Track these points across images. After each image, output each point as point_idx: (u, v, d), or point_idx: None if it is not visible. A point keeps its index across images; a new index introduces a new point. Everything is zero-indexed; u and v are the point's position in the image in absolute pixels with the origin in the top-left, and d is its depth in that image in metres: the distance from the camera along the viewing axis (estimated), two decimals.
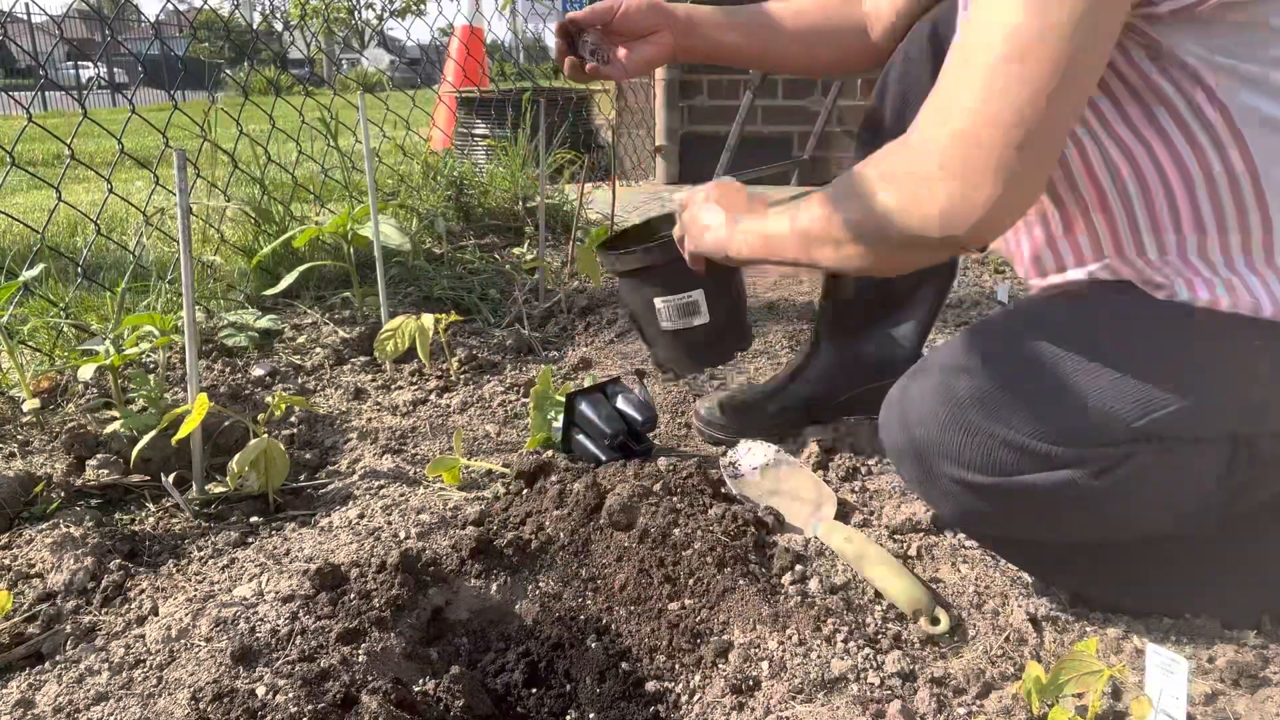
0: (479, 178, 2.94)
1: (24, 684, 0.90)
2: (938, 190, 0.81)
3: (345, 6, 10.56)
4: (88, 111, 2.08)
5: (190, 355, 1.24)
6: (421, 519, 1.21)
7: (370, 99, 2.10)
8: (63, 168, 2.29)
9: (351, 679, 0.86)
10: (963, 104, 0.80)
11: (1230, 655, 0.90)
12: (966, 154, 0.80)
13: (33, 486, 1.27)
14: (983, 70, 0.79)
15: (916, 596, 0.95)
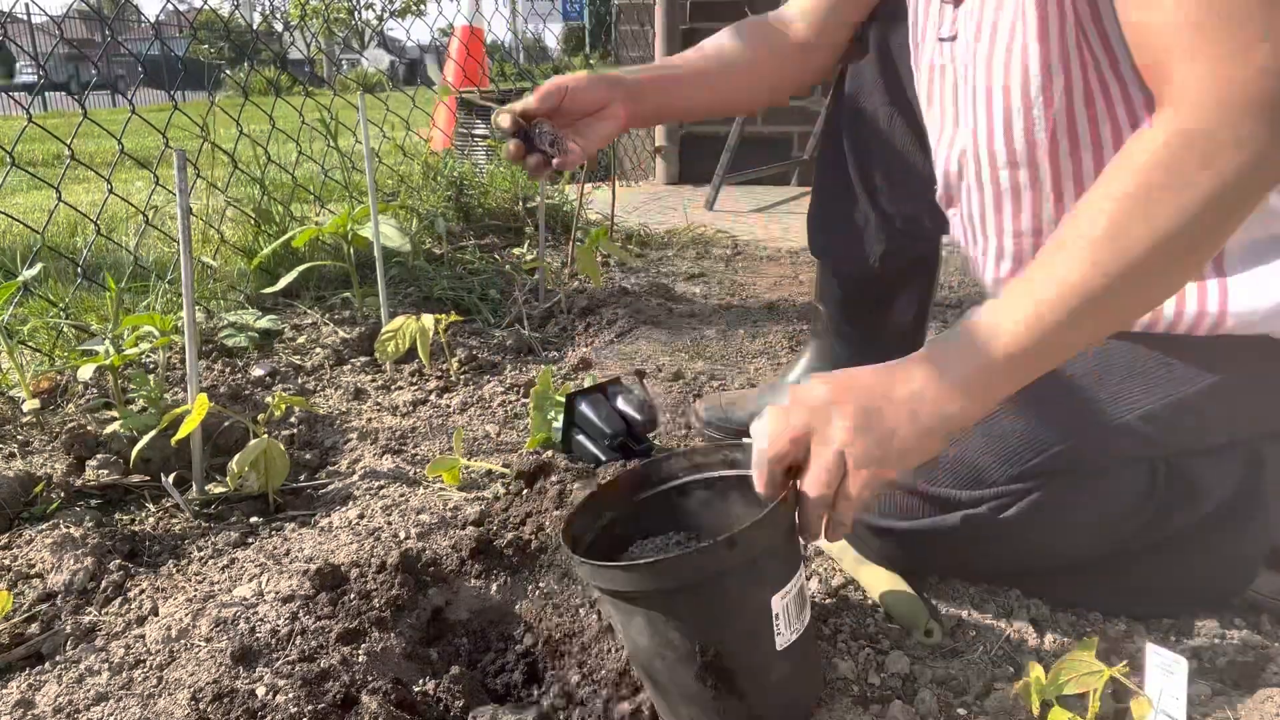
0: (479, 178, 2.94)
1: (24, 684, 0.90)
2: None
3: (345, 6, 10.56)
4: (87, 112, 2.08)
5: (190, 355, 1.24)
6: (421, 519, 1.21)
7: (370, 99, 2.10)
8: (63, 168, 2.29)
9: (351, 679, 0.86)
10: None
11: (1230, 655, 0.90)
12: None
13: (33, 486, 1.27)
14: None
15: (911, 609, 0.96)
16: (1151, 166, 0.70)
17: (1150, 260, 0.70)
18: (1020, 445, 0.90)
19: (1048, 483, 0.90)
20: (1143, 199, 0.70)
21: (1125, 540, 0.93)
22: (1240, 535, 0.94)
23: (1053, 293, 0.71)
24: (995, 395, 0.75)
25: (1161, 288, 0.74)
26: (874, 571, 1.01)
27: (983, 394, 0.75)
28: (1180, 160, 0.69)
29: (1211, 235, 0.72)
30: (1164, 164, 0.70)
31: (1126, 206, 0.70)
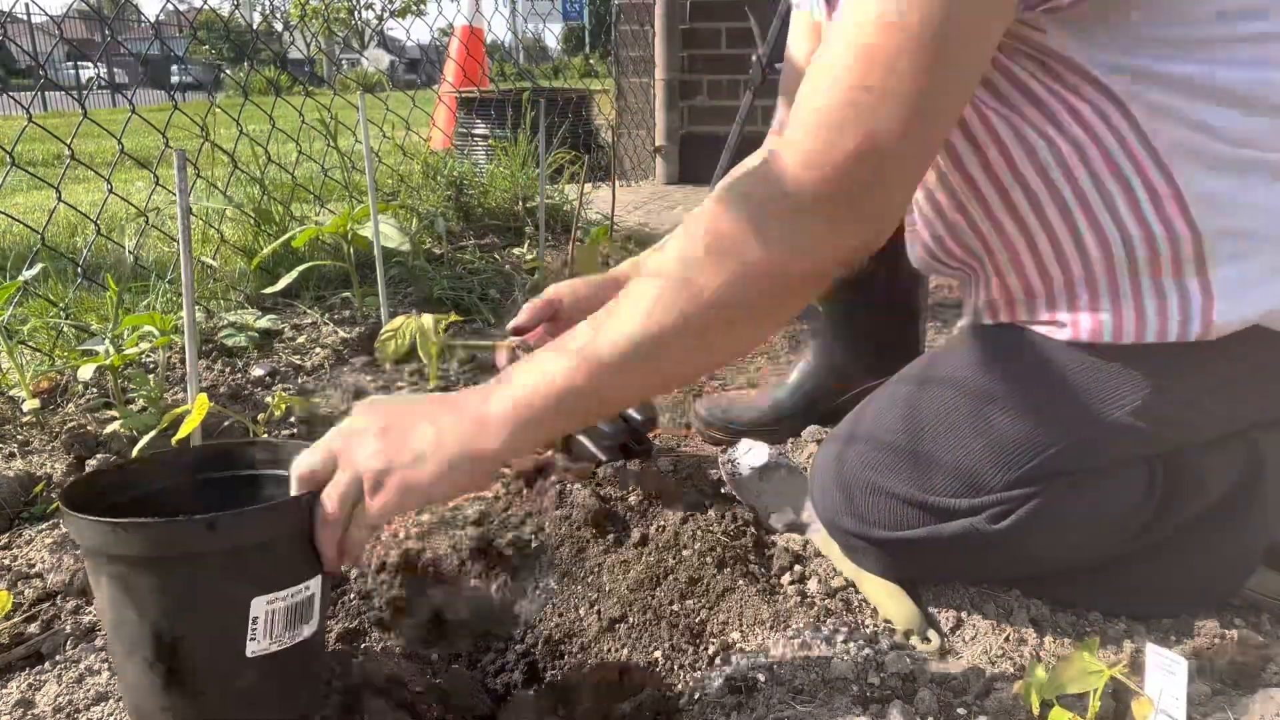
0: (479, 178, 2.94)
1: (24, 684, 0.90)
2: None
3: (345, 6, 10.57)
4: (87, 112, 2.08)
5: (190, 355, 1.24)
6: (421, 519, 1.21)
7: (370, 99, 2.10)
8: (63, 168, 2.29)
9: (351, 679, 0.86)
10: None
11: (1230, 655, 0.90)
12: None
13: (33, 486, 1.27)
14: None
15: (908, 615, 0.96)
16: (710, 227, 0.75)
17: (676, 336, 0.74)
18: (1018, 448, 0.90)
19: (1046, 488, 0.90)
20: (697, 262, 0.75)
21: (1125, 543, 0.93)
22: (1240, 531, 0.94)
23: (605, 341, 0.75)
24: (531, 433, 0.76)
25: (710, 350, 0.78)
26: (871, 580, 1.01)
27: (518, 430, 0.75)
28: (735, 227, 0.74)
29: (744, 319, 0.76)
30: (722, 226, 0.75)
31: (677, 272, 0.75)
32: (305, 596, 0.75)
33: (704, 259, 0.74)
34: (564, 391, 0.75)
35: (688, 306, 0.74)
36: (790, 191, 0.72)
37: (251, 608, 0.72)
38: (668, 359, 0.76)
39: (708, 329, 0.75)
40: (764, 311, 0.77)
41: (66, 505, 0.72)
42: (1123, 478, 0.91)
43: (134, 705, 0.75)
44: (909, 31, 0.69)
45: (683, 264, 0.75)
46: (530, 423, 0.75)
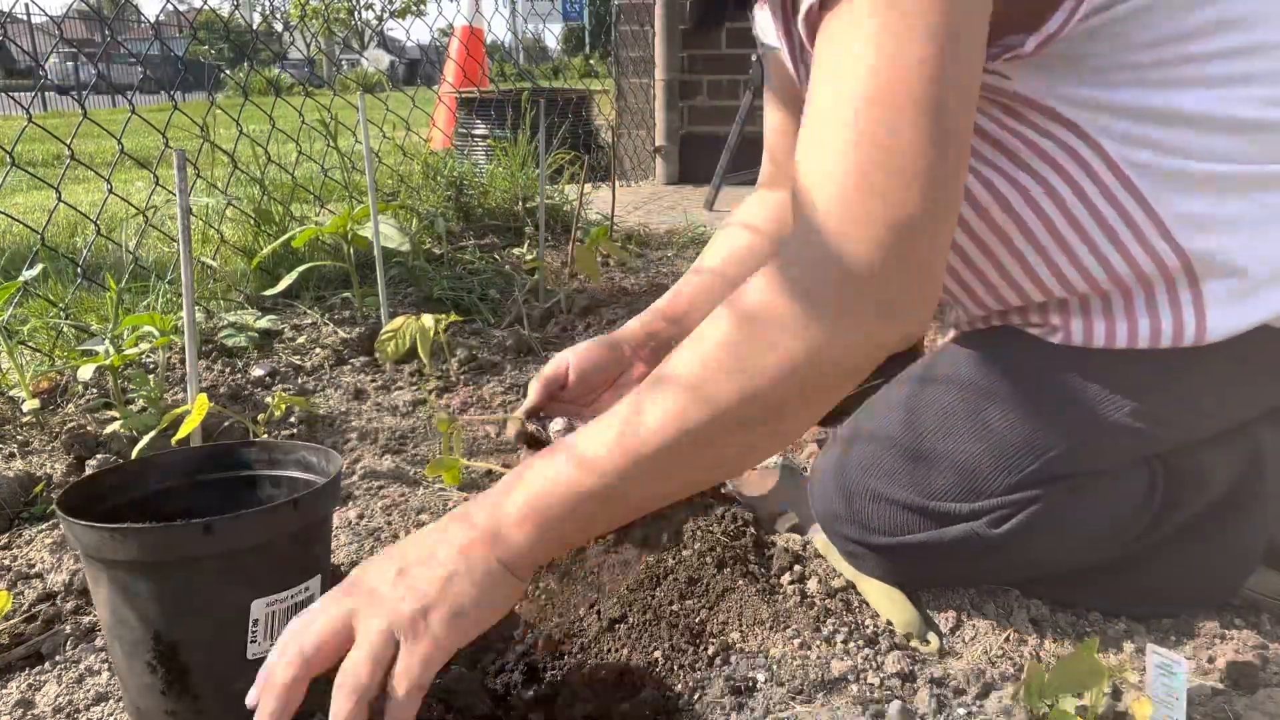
0: (479, 178, 2.94)
1: (24, 684, 0.90)
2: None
3: (345, 7, 10.56)
4: (87, 112, 2.08)
5: (190, 355, 1.24)
6: (421, 519, 1.21)
7: (370, 99, 2.10)
8: (63, 168, 2.29)
9: None
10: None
11: (1230, 655, 0.90)
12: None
13: (33, 486, 1.27)
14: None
15: (908, 619, 0.96)
16: (738, 321, 0.69)
17: (709, 430, 0.68)
18: (1018, 452, 0.90)
19: (1047, 492, 0.90)
20: (725, 359, 0.68)
21: (1126, 545, 0.93)
22: (1241, 529, 0.94)
23: (632, 450, 0.69)
24: (553, 539, 0.71)
25: (737, 448, 0.71)
26: (871, 583, 1.01)
27: (540, 533, 0.70)
28: (758, 327, 0.67)
29: (790, 405, 0.69)
30: (746, 322, 0.68)
31: (707, 368, 0.69)
32: (305, 597, 0.76)
33: (724, 365, 0.68)
34: (581, 498, 0.70)
35: (710, 417, 0.68)
36: (816, 291, 0.66)
37: (251, 610, 0.72)
38: (696, 466, 0.71)
39: (726, 438, 0.69)
40: (791, 414, 0.71)
41: (64, 510, 0.72)
42: (1123, 480, 0.91)
43: (136, 708, 0.75)
44: (908, 103, 0.64)
45: (703, 367, 0.69)
46: (550, 526, 0.70)
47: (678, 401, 0.68)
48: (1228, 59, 0.77)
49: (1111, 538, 0.92)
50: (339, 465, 0.83)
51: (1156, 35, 0.76)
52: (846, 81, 0.66)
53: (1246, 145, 0.79)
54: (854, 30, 0.65)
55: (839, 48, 0.67)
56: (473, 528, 0.70)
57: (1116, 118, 0.79)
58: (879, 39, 0.64)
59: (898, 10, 0.64)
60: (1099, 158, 0.80)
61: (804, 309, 0.66)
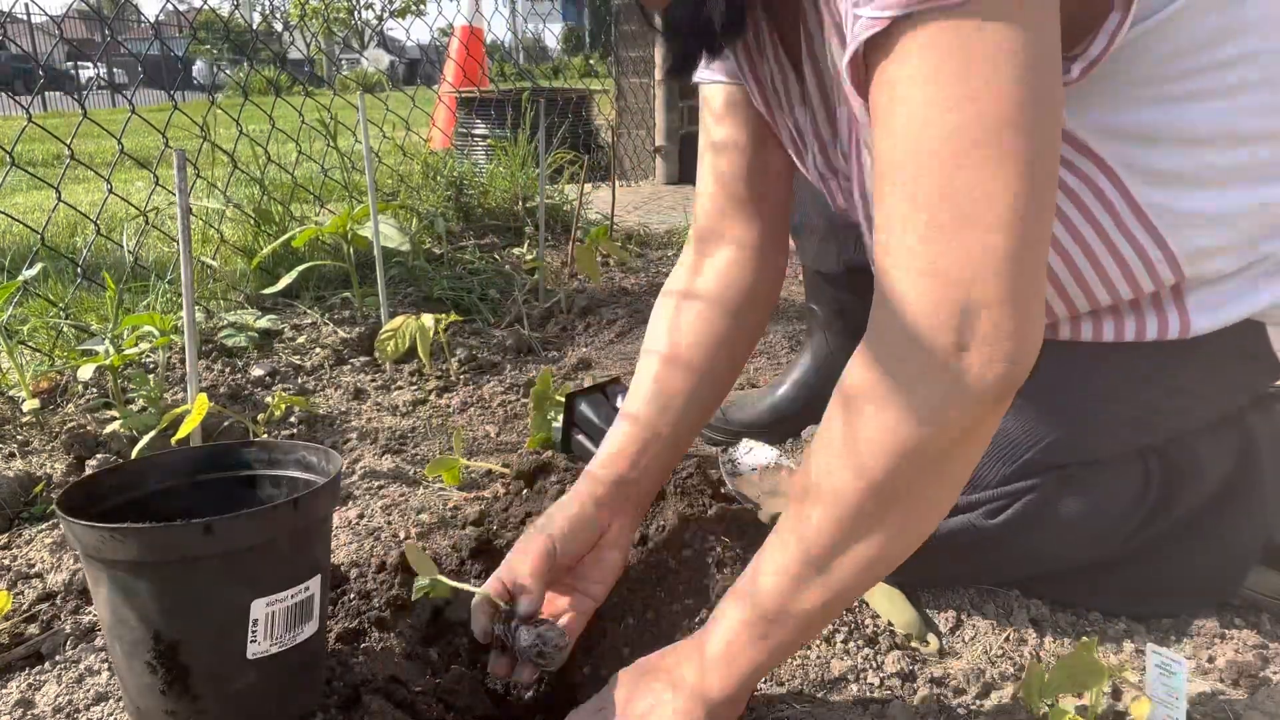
0: (479, 178, 2.94)
1: (24, 684, 0.90)
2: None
3: (345, 7, 10.57)
4: (87, 112, 2.08)
5: (190, 355, 1.24)
6: (421, 519, 1.21)
7: (370, 99, 2.10)
8: (62, 168, 2.29)
9: (351, 679, 0.86)
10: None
11: (1230, 655, 0.90)
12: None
13: (33, 486, 1.27)
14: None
15: (908, 620, 0.96)
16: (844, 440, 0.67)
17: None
18: (1012, 442, 0.90)
19: (1042, 483, 0.90)
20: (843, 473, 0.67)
21: (1124, 540, 0.93)
22: (1238, 525, 0.94)
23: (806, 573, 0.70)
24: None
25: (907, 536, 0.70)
26: None
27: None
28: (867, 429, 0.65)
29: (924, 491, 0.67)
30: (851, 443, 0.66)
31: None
32: (305, 597, 0.76)
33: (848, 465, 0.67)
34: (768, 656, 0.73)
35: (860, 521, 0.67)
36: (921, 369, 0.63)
37: (251, 610, 0.72)
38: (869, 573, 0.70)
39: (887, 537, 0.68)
40: (935, 488, 0.68)
41: (64, 510, 0.72)
42: (1118, 471, 0.91)
43: (136, 708, 0.75)
44: (994, 150, 0.60)
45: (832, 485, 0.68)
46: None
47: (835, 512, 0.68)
48: (1237, 66, 0.77)
49: (1108, 532, 0.93)
50: (339, 465, 0.83)
51: (1175, 46, 0.76)
52: (920, 135, 0.61)
53: (1256, 156, 0.79)
54: (922, 82, 0.61)
55: (907, 96, 0.62)
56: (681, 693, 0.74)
57: (1136, 145, 0.78)
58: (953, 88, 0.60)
59: (971, 57, 0.59)
60: (1116, 191, 0.80)
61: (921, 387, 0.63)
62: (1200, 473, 0.92)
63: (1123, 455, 0.91)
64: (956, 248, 0.60)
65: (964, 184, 0.60)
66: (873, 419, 0.65)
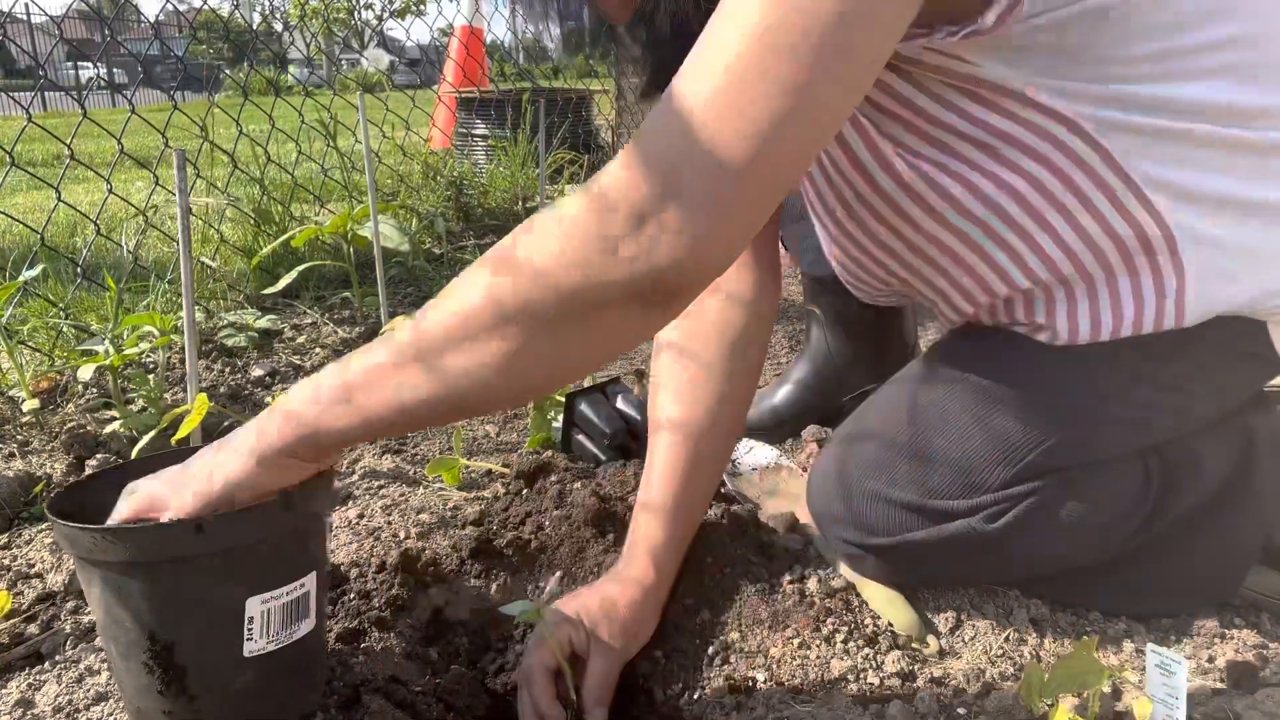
0: (479, 178, 2.94)
1: (24, 684, 0.90)
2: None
3: (345, 7, 10.56)
4: (87, 112, 2.08)
5: (190, 355, 1.24)
6: (421, 519, 1.21)
7: (370, 99, 2.09)
8: (62, 168, 2.29)
9: (352, 678, 0.86)
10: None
11: (1230, 655, 0.90)
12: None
13: (32, 486, 1.27)
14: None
15: (908, 622, 0.96)
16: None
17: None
18: (1013, 445, 0.90)
19: (1042, 486, 0.90)
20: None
21: (1124, 542, 0.93)
22: (1237, 520, 0.94)
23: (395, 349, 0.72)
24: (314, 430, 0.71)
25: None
26: (871, 586, 1.01)
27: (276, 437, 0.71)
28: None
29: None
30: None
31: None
32: (301, 594, 0.75)
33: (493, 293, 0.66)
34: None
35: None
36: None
37: (246, 608, 0.72)
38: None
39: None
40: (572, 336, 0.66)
41: (54, 513, 0.72)
42: (1118, 472, 0.91)
43: (136, 708, 0.75)
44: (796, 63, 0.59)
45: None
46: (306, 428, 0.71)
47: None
48: (1220, 50, 0.77)
49: (1109, 534, 0.92)
50: (332, 463, 0.83)
51: (1163, 20, 0.75)
52: (737, 17, 0.61)
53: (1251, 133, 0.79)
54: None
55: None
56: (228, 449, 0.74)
57: (1107, 107, 0.78)
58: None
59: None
60: (1088, 145, 0.79)
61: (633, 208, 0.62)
62: (1200, 472, 0.92)
63: (1123, 456, 0.91)
64: (710, 130, 0.59)
65: (756, 79, 0.59)
66: (537, 237, 0.64)
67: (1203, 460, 0.92)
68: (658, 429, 1.01)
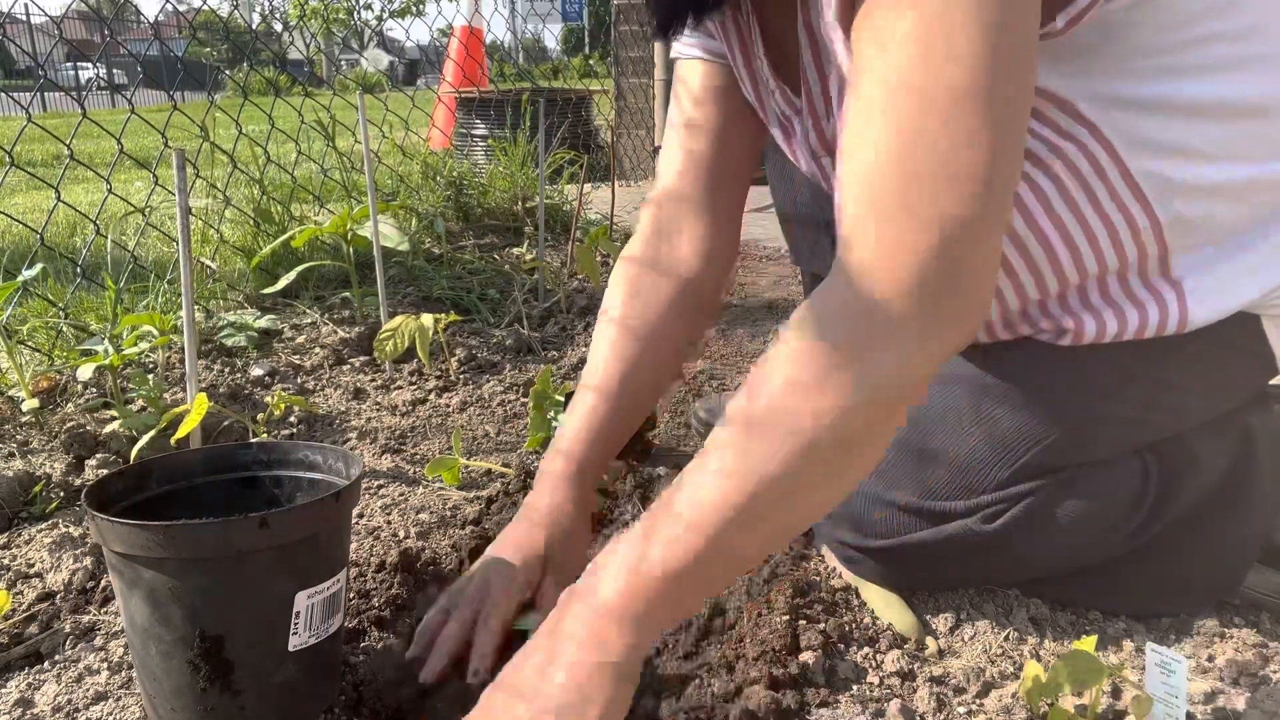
0: (478, 178, 2.94)
1: (23, 683, 0.90)
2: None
3: (344, 7, 10.56)
4: (87, 112, 2.08)
5: (189, 355, 1.24)
6: (421, 519, 1.21)
7: (369, 99, 2.09)
8: (62, 168, 2.29)
9: (352, 678, 0.86)
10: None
11: (1230, 654, 0.90)
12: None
13: (32, 486, 1.27)
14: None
15: (908, 624, 0.96)
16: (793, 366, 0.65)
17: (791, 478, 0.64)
18: (1012, 445, 0.90)
19: (1040, 486, 0.90)
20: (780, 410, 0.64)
21: (1123, 541, 0.93)
22: (1236, 519, 0.94)
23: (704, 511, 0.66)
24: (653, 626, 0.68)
25: (826, 489, 0.68)
26: (870, 588, 1.00)
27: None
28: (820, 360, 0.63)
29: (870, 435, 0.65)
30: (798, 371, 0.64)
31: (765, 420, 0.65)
32: (337, 589, 0.78)
33: (763, 425, 0.65)
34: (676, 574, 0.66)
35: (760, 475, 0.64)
36: (867, 313, 0.63)
37: (295, 602, 0.74)
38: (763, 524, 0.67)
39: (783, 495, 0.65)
40: (861, 442, 0.66)
41: (99, 512, 0.72)
42: (1116, 472, 0.91)
43: (168, 708, 0.75)
44: (960, 94, 0.60)
45: (745, 429, 0.66)
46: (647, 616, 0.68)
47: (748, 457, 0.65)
48: (1237, 39, 0.77)
49: (1107, 533, 0.92)
50: (360, 462, 0.84)
51: (1174, 15, 0.75)
52: (890, 71, 0.62)
53: (1253, 132, 0.79)
54: (897, 18, 0.62)
55: (883, 35, 0.63)
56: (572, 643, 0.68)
57: (1134, 114, 0.78)
58: (925, 25, 0.61)
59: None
60: (1110, 159, 0.80)
61: (850, 339, 0.63)
62: (1198, 471, 0.92)
63: (1121, 455, 0.91)
64: (930, 200, 0.61)
65: (943, 139, 0.60)
66: (838, 366, 0.63)
67: (1201, 459, 0.92)
68: (585, 389, 1.03)
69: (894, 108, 0.62)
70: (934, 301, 0.62)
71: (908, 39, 0.61)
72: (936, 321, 0.62)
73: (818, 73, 0.89)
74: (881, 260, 0.62)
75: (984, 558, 0.95)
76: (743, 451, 0.65)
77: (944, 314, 0.62)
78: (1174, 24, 0.76)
